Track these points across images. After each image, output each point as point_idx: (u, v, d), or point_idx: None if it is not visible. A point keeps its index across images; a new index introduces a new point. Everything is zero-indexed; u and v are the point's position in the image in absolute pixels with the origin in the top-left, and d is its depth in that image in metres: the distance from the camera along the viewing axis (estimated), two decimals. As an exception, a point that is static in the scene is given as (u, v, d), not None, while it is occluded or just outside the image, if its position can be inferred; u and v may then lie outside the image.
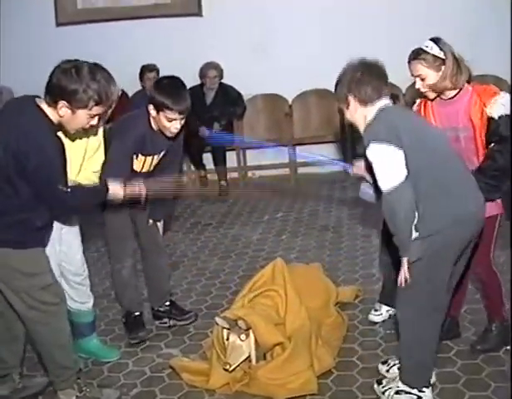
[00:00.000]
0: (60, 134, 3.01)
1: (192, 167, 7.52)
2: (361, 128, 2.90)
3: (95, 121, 2.98)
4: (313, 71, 7.26)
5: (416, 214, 2.77)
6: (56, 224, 3.35)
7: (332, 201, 6.56)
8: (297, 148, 7.56)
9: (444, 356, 3.43)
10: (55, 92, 2.84)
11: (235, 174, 7.57)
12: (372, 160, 2.78)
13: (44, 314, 3.05)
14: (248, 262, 5.09)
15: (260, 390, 3.26)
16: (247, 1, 7.43)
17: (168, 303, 4.09)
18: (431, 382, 3.07)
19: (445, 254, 2.85)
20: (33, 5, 7.52)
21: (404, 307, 2.94)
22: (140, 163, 3.69)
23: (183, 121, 3.60)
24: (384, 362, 3.37)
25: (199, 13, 7.61)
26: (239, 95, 7.40)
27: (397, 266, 2.94)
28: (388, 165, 2.74)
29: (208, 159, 7.44)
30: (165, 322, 4.07)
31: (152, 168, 3.76)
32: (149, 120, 3.64)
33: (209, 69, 7.24)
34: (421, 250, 2.78)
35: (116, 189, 3.24)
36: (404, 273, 2.85)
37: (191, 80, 7.24)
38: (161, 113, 3.53)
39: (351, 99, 2.87)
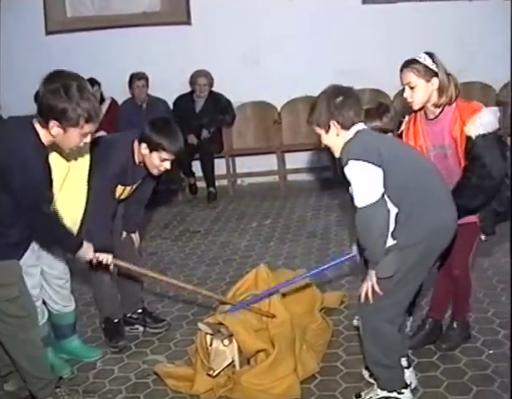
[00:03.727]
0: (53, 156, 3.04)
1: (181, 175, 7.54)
2: (339, 151, 2.91)
3: (88, 139, 2.98)
4: (302, 79, 7.32)
5: (395, 222, 2.81)
6: None
7: (320, 208, 6.59)
8: (287, 157, 7.63)
9: (426, 360, 3.47)
10: (45, 112, 2.84)
11: (224, 182, 7.60)
12: (350, 176, 2.80)
13: (9, 326, 3.06)
14: (236, 268, 5.11)
15: (244, 395, 3.27)
16: (236, 10, 7.46)
17: (140, 311, 4.15)
18: (409, 383, 3.09)
19: (420, 266, 2.89)
20: (23, 13, 7.54)
21: (371, 316, 2.94)
22: (119, 192, 3.75)
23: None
24: (367, 367, 3.38)
25: (188, 22, 7.65)
26: (229, 103, 7.44)
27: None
28: (365, 181, 2.77)
29: (197, 166, 7.47)
30: (137, 329, 4.13)
31: (129, 194, 3.84)
32: (132, 152, 3.67)
33: (200, 77, 7.28)
34: (396, 265, 2.81)
35: (87, 252, 3.29)
36: (370, 286, 2.88)
37: (180, 88, 7.31)
38: (155, 153, 3.58)
39: (332, 124, 2.87)
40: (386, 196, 2.79)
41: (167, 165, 3.63)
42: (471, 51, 7.23)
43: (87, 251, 3.31)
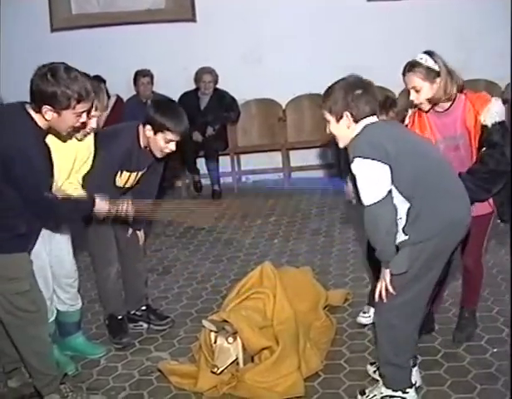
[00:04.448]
0: (49, 139, 3.03)
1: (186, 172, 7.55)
2: (344, 142, 2.90)
3: (84, 118, 2.99)
4: (306, 76, 7.31)
5: (406, 217, 2.79)
6: (46, 230, 3.40)
7: (324, 205, 6.59)
8: (291, 155, 7.62)
9: (430, 358, 3.46)
10: (37, 98, 2.86)
11: (229, 179, 7.60)
12: (356, 174, 2.79)
13: (19, 320, 3.08)
14: (240, 266, 5.12)
15: (247, 392, 3.27)
16: (240, 7, 7.44)
17: (144, 308, 4.15)
18: (414, 383, 3.08)
19: (434, 261, 2.86)
20: (28, 10, 7.52)
21: (387, 313, 2.92)
22: (124, 179, 3.74)
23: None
24: (372, 363, 3.39)
25: (192, 19, 7.64)
26: (234, 100, 7.43)
27: (379, 270, 2.97)
28: (371, 180, 2.75)
29: (201, 163, 7.47)
30: (140, 326, 4.13)
31: (134, 183, 3.83)
32: (137, 137, 3.67)
33: (205, 74, 7.27)
34: (409, 261, 2.79)
35: (102, 205, 3.28)
36: (384, 285, 2.86)
37: (184, 85, 7.31)
38: (160, 134, 3.57)
39: (345, 115, 2.84)
40: (396, 191, 2.77)
41: (172, 146, 3.62)
42: (475, 48, 7.23)
43: (101, 205, 3.28)
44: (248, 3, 7.44)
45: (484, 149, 3.25)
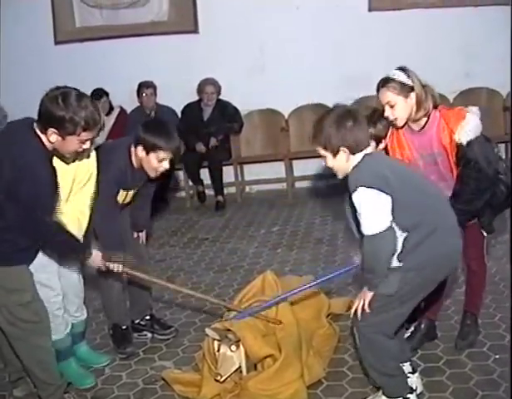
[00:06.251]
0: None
1: (190, 182, 7.58)
2: (344, 173, 2.84)
3: (87, 145, 3.02)
4: (309, 87, 7.36)
5: (402, 246, 2.79)
6: None
7: (327, 215, 6.61)
8: (294, 165, 7.67)
9: (432, 365, 3.47)
10: (44, 119, 2.89)
11: (233, 189, 7.64)
12: (359, 204, 2.74)
13: (22, 331, 3.11)
14: (243, 275, 5.14)
15: (251, 400, 3.30)
16: (243, 18, 7.50)
17: (148, 317, 4.18)
18: (415, 388, 3.10)
19: (422, 289, 2.88)
20: (32, 23, 7.60)
21: (366, 328, 2.89)
22: (122, 197, 3.77)
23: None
24: (374, 373, 3.40)
25: (195, 30, 7.70)
26: (237, 111, 7.48)
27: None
28: (375, 209, 2.71)
29: (205, 174, 7.51)
30: (145, 335, 4.15)
31: (130, 199, 3.87)
32: (129, 157, 3.68)
33: (207, 85, 7.33)
34: (398, 285, 2.79)
35: (96, 260, 3.38)
36: (360, 305, 2.87)
37: (187, 97, 7.37)
38: (152, 154, 3.58)
39: (342, 150, 2.77)
40: (393, 223, 2.75)
41: (166, 164, 3.63)
42: (476, 56, 7.26)
43: (96, 259, 3.37)
44: (249, 15, 7.50)
45: (461, 168, 3.25)
